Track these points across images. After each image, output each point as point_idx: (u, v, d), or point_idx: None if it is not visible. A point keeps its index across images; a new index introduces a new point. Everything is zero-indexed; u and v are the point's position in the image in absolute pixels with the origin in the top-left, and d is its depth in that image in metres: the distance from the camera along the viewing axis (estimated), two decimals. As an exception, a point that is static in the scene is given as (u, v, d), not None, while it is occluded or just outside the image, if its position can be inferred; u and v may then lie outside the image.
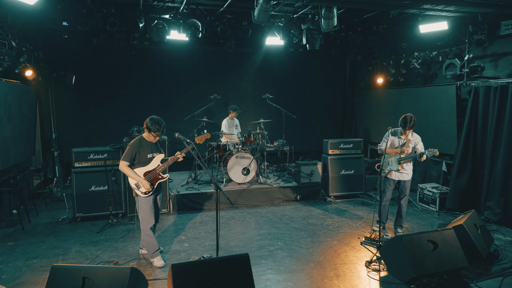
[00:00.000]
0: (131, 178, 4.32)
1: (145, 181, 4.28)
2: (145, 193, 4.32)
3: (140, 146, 4.34)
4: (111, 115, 8.51)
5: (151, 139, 4.38)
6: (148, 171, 4.37)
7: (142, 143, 4.38)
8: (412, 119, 5.07)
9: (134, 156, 4.31)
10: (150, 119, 4.29)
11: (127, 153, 4.29)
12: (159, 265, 4.46)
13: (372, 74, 9.31)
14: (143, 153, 4.35)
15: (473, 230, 4.57)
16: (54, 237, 5.40)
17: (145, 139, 4.41)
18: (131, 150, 4.30)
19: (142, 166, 4.36)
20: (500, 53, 6.62)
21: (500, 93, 6.00)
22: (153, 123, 4.26)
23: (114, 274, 3.26)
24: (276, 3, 5.45)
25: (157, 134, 4.32)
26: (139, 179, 4.28)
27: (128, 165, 4.29)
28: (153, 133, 4.28)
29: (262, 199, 7.09)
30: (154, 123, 4.26)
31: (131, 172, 4.28)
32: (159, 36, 6.30)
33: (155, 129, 4.26)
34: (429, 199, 6.89)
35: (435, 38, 7.31)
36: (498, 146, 6.06)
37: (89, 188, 6.10)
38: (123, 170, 4.30)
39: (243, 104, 9.53)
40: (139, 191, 4.31)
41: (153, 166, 4.41)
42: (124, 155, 4.30)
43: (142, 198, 4.35)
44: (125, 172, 4.29)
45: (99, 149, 6.17)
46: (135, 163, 4.36)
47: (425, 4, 5.35)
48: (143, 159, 4.36)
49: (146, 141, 4.41)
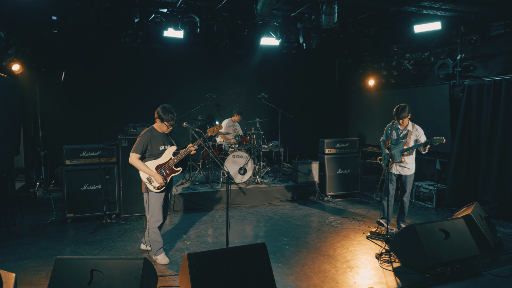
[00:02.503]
0: (142, 172, 4.05)
1: (158, 175, 4.03)
2: (157, 188, 4.07)
3: (152, 137, 4.08)
4: (102, 114, 8.22)
5: (164, 129, 4.15)
6: (160, 165, 4.12)
7: (153, 133, 4.12)
8: (399, 107, 5.09)
9: (145, 148, 4.05)
10: (162, 108, 4.06)
11: (138, 144, 4.02)
12: (164, 262, 4.22)
13: (363, 76, 9.45)
14: (155, 145, 4.09)
15: (479, 220, 4.59)
16: (45, 238, 5.05)
17: (156, 130, 4.16)
18: (143, 141, 4.03)
19: (154, 159, 4.10)
20: (489, 54, 6.84)
21: (493, 90, 6.17)
22: (165, 112, 4.03)
23: (126, 265, 3.03)
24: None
25: (171, 124, 4.09)
26: (152, 172, 4.02)
27: (139, 157, 4.03)
28: (166, 122, 4.05)
29: (260, 198, 6.95)
30: (167, 112, 4.03)
31: (143, 165, 4.03)
32: (156, 30, 6.14)
33: (168, 118, 4.03)
34: (425, 196, 6.95)
35: (427, 39, 7.50)
36: (493, 142, 6.21)
37: (81, 187, 5.78)
38: (133, 163, 4.02)
39: (237, 104, 9.48)
40: (151, 185, 4.05)
41: (166, 159, 4.15)
42: (135, 147, 4.02)
43: (153, 194, 4.09)
44: (136, 165, 4.01)
45: (92, 146, 5.88)
46: (146, 155, 4.09)
47: (424, 1, 5.46)
48: (155, 151, 4.10)
49: (157, 132, 4.16)
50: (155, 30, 6.13)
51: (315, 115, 10.42)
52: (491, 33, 6.52)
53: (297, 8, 6.85)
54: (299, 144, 10.00)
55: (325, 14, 5.78)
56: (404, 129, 5.28)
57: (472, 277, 3.91)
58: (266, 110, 8.89)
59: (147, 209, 4.14)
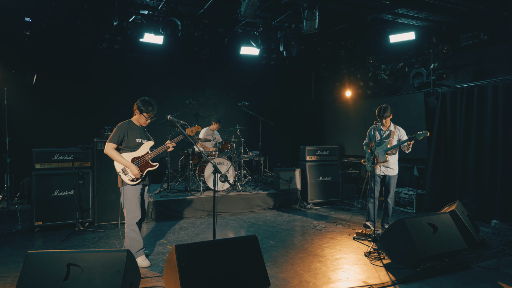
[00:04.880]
0: (117, 163, 3.87)
1: (134, 166, 3.85)
2: (132, 180, 3.87)
3: (129, 129, 3.96)
4: (75, 121, 7.85)
5: (142, 121, 4.03)
6: (137, 157, 3.95)
7: (131, 125, 4.00)
8: (381, 107, 5.21)
9: (122, 138, 3.90)
10: (141, 100, 3.97)
11: (115, 134, 3.88)
12: (144, 265, 3.94)
13: (340, 88, 9.65)
14: (132, 137, 3.95)
15: (464, 216, 4.64)
16: (9, 247, 4.61)
17: (134, 123, 4.05)
18: (119, 131, 3.89)
19: (130, 151, 3.95)
20: (459, 64, 7.19)
21: (466, 96, 6.43)
22: (145, 104, 3.94)
23: (108, 257, 2.77)
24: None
25: (150, 116, 3.99)
26: (127, 163, 3.85)
27: (115, 147, 3.86)
28: (145, 114, 3.95)
29: (242, 206, 6.76)
30: (146, 104, 3.94)
31: (118, 155, 3.85)
32: (136, 32, 6.01)
33: (148, 110, 3.94)
34: (405, 201, 7.01)
35: (401, 50, 7.80)
36: (468, 146, 6.41)
37: (52, 193, 5.39)
38: (109, 152, 3.84)
39: (217, 112, 9.39)
40: (126, 177, 3.86)
41: (142, 152, 4.00)
42: (111, 137, 3.88)
43: (129, 187, 3.88)
44: (111, 155, 3.84)
45: (65, 150, 5.55)
46: (121, 147, 3.94)
47: (400, 9, 5.70)
48: (131, 143, 3.95)
49: (135, 124, 4.05)
50: (135, 31, 6.01)
51: (293, 127, 10.47)
52: (461, 44, 6.86)
53: (277, 16, 6.97)
54: (279, 154, 9.95)
55: (307, 19, 5.90)
56: (386, 129, 5.36)
57: (462, 270, 3.89)
58: (246, 119, 8.84)
59: (123, 205, 3.92)
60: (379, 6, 5.47)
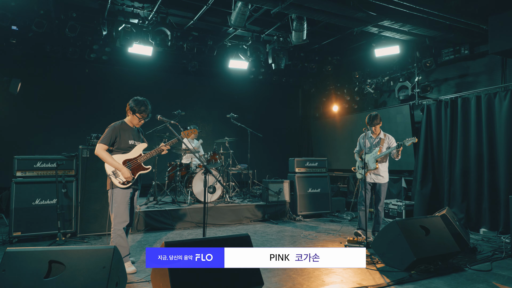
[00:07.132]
0: (108, 165, 3.72)
1: (125, 168, 3.71)
2: (123, 183, 3.72)
3: (121, 130, 3.82)
4: (60, 130, 7.72)
5: (135, 122, 3.91)
6: (129, 159, 3.81)
7: (123, 126, 3.87)
8: (371, 115, 5.26)
9: (114, 140, 3.76)
10: (134, 100, 3.86)
11: (106, 135, 3.74)
12: (130, 271, 3.75)
13: (327, 103, 9.78)
14: (124, 138, 3.82)
15: (454, 221, 4.64)
16: (-15, 257, 4.33)
17: (126, 124, 3.92)
18: (112, 132, 3.76)
19: (122, 153, 3.81)
20: (441, 78, 7.43)
21: (450, 108, 6.59)
22: (138, 104, 3.83)
23: (93, 254, 2.62)
24: (253, 9, 5.59)
25: (143, 117, 3.88)
26: (118, 165, 3.70)
27: (106, 149, 3.72)
28: (138, 114, 3.83)
29: (231, 217, 6.61)
30: (139, 103, 3.83)
31: (109, 157, 3.71)
32: (126, 40, 6.00)
33: (141, 110, 3.82)
34: (394, 213, 7.00)
35: (386, 65, 8.02)
36: (454, 156, 6.50)
37: (33, 202, 5.16)
38: (99, 154, 3.70)
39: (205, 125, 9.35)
40: (116, 180, 3.70)
41: (135, 154, 3.86)
42: (103, 137, 3.74)
43: (119, 190, 3.73)
44: (102, 156, 3.70)
45: (48, 157, 5.36)
46: (113, 149, 3.80)
47: (385, 22, 5.88)
48: (123, 145, 3.82)
49: (128, 125, 3.92)
50: (125, 39, 5.99)
51: (281, 142, 10.48)
52: (443, 59, 7.10)
53: (266, 29, 7.10)
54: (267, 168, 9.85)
55: (295, 31, 6.02)
56: (376, 137, 5.40)
57: (456, 272, 3.86)
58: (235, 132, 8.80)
59: (111, 209, 3.75)
60: (365, 18, 5.63)
